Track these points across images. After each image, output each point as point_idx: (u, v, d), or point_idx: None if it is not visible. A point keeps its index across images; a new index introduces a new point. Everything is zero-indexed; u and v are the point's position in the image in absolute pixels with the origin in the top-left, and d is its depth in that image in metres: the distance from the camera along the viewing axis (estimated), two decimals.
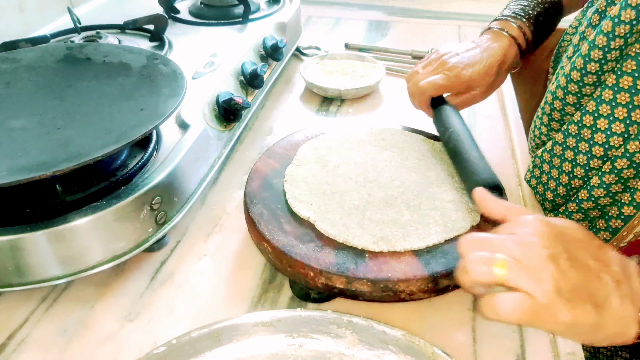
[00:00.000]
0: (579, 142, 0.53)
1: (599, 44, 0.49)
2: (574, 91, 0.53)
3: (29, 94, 0.56)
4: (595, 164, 0.52)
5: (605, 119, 0.50)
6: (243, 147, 0.73)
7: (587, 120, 0.52)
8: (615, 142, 0.50)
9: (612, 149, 0.50)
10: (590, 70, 0.51)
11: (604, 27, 0.48)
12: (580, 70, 0.51)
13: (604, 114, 0.50)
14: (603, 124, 0.50)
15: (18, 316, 0.49)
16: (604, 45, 0.49)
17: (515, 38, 0.64)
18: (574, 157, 0.54)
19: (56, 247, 0.46)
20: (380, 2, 1.24)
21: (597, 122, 0.51)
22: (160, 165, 0.53)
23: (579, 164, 0.53)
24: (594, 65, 0.50)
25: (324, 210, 0.52)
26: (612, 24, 0.48)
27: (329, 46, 1.01)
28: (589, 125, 0.52)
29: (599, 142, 0.51)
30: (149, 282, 0.52)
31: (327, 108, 0.82)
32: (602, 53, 0.49)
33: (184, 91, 0.53)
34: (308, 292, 0.50)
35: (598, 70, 0.50)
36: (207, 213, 0.61)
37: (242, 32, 0.83)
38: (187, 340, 0.43)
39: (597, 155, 0.51)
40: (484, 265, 0.36)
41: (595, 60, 0.50)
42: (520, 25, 0.65)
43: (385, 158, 0.60)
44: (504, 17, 0.66)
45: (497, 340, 0.47)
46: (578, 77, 0.52)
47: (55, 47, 0.65)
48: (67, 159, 0.43)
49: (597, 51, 0.49)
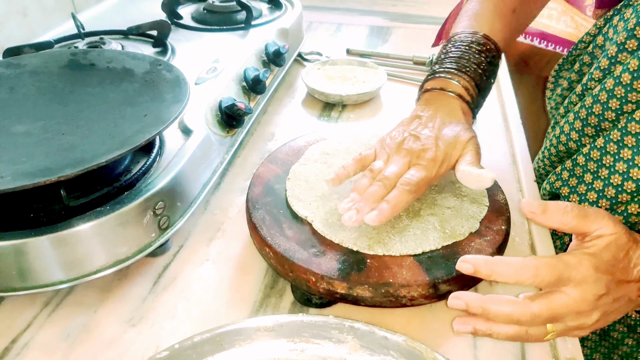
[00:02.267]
0: (635, 155, 0.50)
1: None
2: (620, 96, 0.50)
3: (33, 100, 0.57)
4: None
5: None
6: (245, 152, 0.73)
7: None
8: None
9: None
10: (636, 89, 0.48)
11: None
12: (633, 73, 0.49)
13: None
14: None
15: (21, 320, 0.49)
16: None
17: (461, 96, 0.56)
18: (627, 170, 0.50)
19: (60, 252, 0.46)
20: (381, 8, 1.25)
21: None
22: (164, 170, 0.53)
23: (632, 177, 0.50)
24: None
25: (323, 211, 0.52)
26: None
27: (330, 52, 1.01)
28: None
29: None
30: (151, 286, 0.53)
31: (329, 113, 0.83)
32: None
33: (187, 97, 0.53)
34: (310, 297, 0.50)
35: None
36: (210, 218, 0.61)
37: (244, 38, 0.83)
38: (190, 344, 0.43)
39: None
40: (536, 337, 0.41)
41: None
42: (462, 83, 0.57)
43: None
44: (441, 75, 0.58)
45: (498, 345, 0.47)
46: (628, 81, 0.49)
47: (60, 52, 0.65)
48: (71, 165, 0.44)
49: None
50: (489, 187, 0.57)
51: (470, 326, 0.40)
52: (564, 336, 0.43)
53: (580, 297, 0.40)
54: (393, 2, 1.28)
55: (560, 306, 0.40)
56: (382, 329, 0.44)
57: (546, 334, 0.40)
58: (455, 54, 0.58)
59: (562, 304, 0.40)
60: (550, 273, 0.39)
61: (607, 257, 0.42)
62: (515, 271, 0.39)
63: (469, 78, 0.56)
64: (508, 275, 0.39)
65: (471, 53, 0.57)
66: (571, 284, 0.40)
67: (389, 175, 0.49)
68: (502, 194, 0.57)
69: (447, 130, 0.53)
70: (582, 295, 0.40)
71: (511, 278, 0.39)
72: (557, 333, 0.41)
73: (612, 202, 0.53)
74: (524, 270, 0.39)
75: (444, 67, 0.58)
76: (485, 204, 0.55)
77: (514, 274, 0.39)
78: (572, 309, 0.40)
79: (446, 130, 0.53)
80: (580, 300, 0.40)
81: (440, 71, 0.58)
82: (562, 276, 0.39)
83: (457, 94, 0.56)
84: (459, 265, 0.41)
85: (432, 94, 0.57)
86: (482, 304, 0.40)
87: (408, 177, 0.48)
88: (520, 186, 0.67)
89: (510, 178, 0.68)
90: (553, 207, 0.43)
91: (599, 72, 0.56)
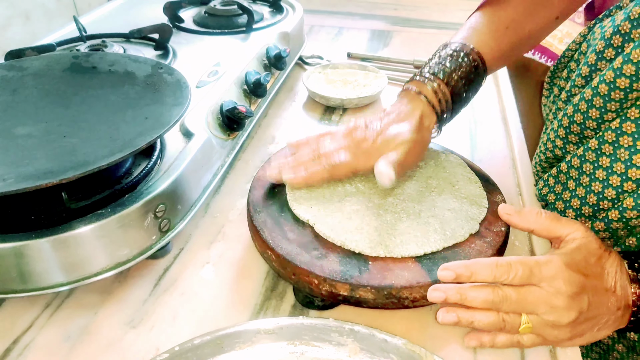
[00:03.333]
0: (613, 163, 0.51)
1: (634, 58, 0.47)
2: (599, 105, 0.51)
3: (35, 102, 0.57)
4: (629, 187, 0.50)
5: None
6: (246, 155, 0.73)
7: (624, 141, 0.50)
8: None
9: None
10: (619, 86, 0.49)
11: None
12: (609, 84, 0.50)
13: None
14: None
15: (22, 322, 0.49)
16: (638, 61, 0.47)
17: (429, 100, 0.58)
18: (607, 177, 0.51)
19: (60, 254, 0.46)
20: (382, 12, 1.25)
21: (637, 144, 0.49)
22: (165, 173, 0.54)
23: (611, 185, 0.51)
24: (624, 81, 0.48)
25: (324, 214, 0.53)
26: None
27: (331, 55, 1.02)
28: (626, 146, 0.50)
29: (637, 165, 0.49)
30: (152, 289, 0.53)
31: (330, 117, 0.83)
32: (636, 69, 0.47)
33: (188, 100, 0.53)
34: (312, 299, 0.50)
35: (627, 87, 0.48)
36: (210, 221, 0.61)
37: (245, 41, 0.83)
38: (190, 347, 0.43)
39: (632, 178, 0.49)
40: (512, 326, 0.43)
41: (627, 76, 0.48)
42: (434, 88, 0.58)
43: None
44: (418, 77, 0.61)
45: (498, 350, 0.47)
46: (605, 91, 0.50)
47: (62, 55, 0.65)
48: (73, 167, 0.44)
49: (630, 66, 0.48)
50: (488, 190, 0.58)
51: (455, 314, 0.43)
52: (541, 334, 0.43)
53: (552, 290, 0.42)
54: (394, 6, 1.29)
55: (531, 294, 0.42)
56: (382, 332, 0.44)
57: (520, 324, 0.42)
58: (440, 60, 0.60)
59: (534, 292, 0.43)
60: (522, 268, 0.42)
61: (578, 257, 0.45)
62: (491, 269, 0.42)
63: (442, 84, 0.58)
64: (486, 274, 0.42)
65: (454, 62, 0.59)
66: (544, 280, 0.42)
67: (322, 152, 0.56)
68: (501, 196, 0.57)
69: (393, 127, 0.56)
70: (555, 289, 0.42)
71: (489, 276, 0.42)
72: (532, 326, 0.43)
73: (594, 209, 0.53)
74: (499, 267, 0.42)
75: (424, 71, 0.60)
76: (484, 205, 0.55)
77: (490, 273, 0.42)
78: (543, 299, 0.42)
79: (392, 128, 0.56)
80: (553, 294, 0.42)
81: (418, 73, 0.61)
82: (533, 270, 0.42)
83: (425, 97, 0.58)
84: (440, 274, 0.43)
85: (404, 93, 0.60)
86: (459, 289, 0.43)
87: (331, 157, 0.55)
88: (519, 190, 0.67)
89: (510, 182, 0.68)
90: (527, 210, 0.49)
91: (581, 79, 0.56)
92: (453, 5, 1.30)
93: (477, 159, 0.72)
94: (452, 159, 0.63)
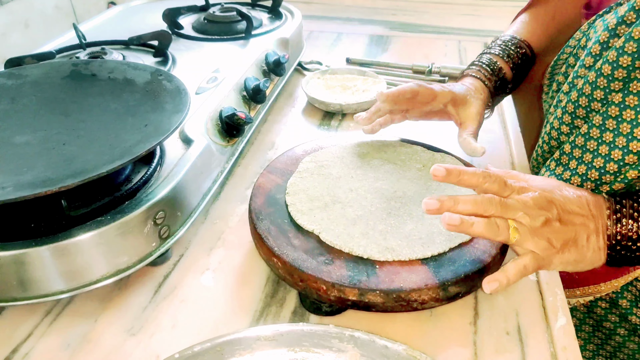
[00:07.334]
0: (616, 137, 0.52)
1: (635, 35, 0.49)
2: (603, 86, 0.53)
3: (34, 110, 0.57)
4: (631, 160, 0.51)
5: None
6: (245, 162, 0.73)
7: (627, 115, 0.51)
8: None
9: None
10: (622, 65, 0.50)
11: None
12: (612, 64, 0.51)
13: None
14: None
15: (22, 330, 0.49)
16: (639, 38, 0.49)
17: (483, 81, 0.70)
18: (609, 152, 0.53)
19: (60, 262, 0.46)
20: (381, 17, 1.26)
21: (638, 117, 0.50)
22: (164, 180, 0.54)
23: (613, 159, 0.52)
24: (626, 59, 0.50)
25: (328, 222, 0.53)
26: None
27: (330, 61, 1.02)
28: (629, 120, 0.51)
29: (638, 137, 0.50)
30: (151, 296, 0.53)
31: (329, 122, 0.83)
32: (637, 46, 0.49)
33: (188, 107, 0.53)
34: (319, 305, 0.50)
35: (629, 65, 0.50)
36: (210, 227, 0.61)
37: (244, 47, 0.84)
38: (190, 354, 0.43)
39: (633, 151, 0.51)
40: (504, 229, 0.46)
41: (629, 54, 0.50)
42: (482, 74, 0.70)
43: (387, 169, 0.60)
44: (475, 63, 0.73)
45: (499, 355, 0.47)
46: (609, 71, 0.52)
47: (61, 63, 0.66)
48: (72, 175, 0.44)
49: (632, 43, 0.49)
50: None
51: (458, 216, 0.45)
52: (530, 243, 0.46)
53: (529, 198, 0.47)
54: (393, 11, 1.29)
55: (510, 199, 0.47)
56: (382, 338, 0.44)
57: (508, 226, 0.45)
58: (494, 48, 0.73)
59: (512, 198, 0.47)
60: (498, 173, 0.49)
61: (563, 193, 0.50)
62: (472, 174, 0.47)
63: (497, 58, 0.71)
64: (467, 178, 0.47)
65: (504, 48, 0.73)
66: (515, 190, 0.48)
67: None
68: None
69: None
70: (526, 196, 0.47)
71: (471, 179, 0.47)
72: (519, 230, 0.46)
73: (597, 183, 0.55)
74: (477, 174, 0.47)
75: (479, 57, 0.73)
76: None
77: (471, 176, 0.47)
78: (522, 202, 0.46)
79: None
80: (525, 199, 0.47)
81: (476, 60, 0.73)
82: (508, 174, 0.51)
83: (477, 77, 0.70)
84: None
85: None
86: (451, 197, 0.47)
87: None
88: None
89: None
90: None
91: (584, 70, 0.57)
92: (452, 11, 1.31)
93: (476, 160, 0.72)
94: (449, 160, 0.63)
